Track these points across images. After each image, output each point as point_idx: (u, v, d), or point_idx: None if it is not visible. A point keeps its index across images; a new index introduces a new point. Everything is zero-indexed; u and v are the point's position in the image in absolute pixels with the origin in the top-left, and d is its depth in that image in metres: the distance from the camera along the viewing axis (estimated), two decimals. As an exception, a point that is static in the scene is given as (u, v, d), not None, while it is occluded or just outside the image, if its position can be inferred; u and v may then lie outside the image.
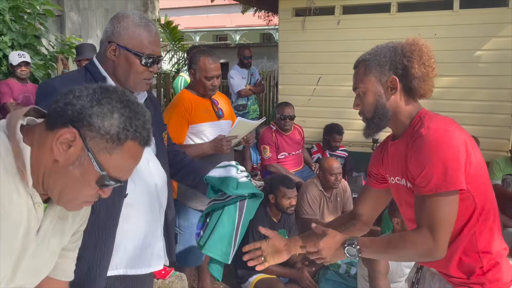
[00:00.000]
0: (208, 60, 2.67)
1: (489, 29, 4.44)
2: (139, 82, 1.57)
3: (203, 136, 2.69)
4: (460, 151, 1.36)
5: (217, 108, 2.77)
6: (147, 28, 1.54)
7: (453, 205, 1.36)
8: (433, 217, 1.35)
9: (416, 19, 4.73)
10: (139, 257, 1.63)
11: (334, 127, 4.74)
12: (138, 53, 1.52)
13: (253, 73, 5.78)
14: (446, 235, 1.35)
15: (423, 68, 1.49)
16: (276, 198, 3.18)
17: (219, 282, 3.54)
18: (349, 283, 3.16)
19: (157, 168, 1.69)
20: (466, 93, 4.64)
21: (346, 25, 5.02)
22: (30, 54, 4.57)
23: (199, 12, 20.11)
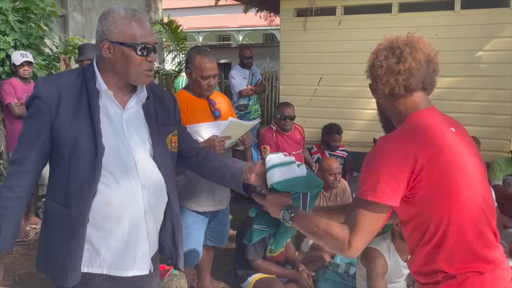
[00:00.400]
0: (204, 60, 2.63)
1: (490, 30, 4.45)
2: (140, 73, 1.57)
3: (199, 137, 2.62)
4: (399, 167, 1.32)
5: (214, 108, 2.73)
6: (135, 18, 1.54)
7: (376, 217, 1.34)
8: (356, 220, 1.35)
9: (417, 20, 4.74)
10: (122, 258, 1.62)
11: (333, 127, 4.75)
12: (132, 44, 1.52)
13: (254, 73, 5.79)
14: (362, 241, 1.35)
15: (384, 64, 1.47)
16: None
17: (218, 281, 3.56)
18: (348, 282, 3.17)
19: (149, 171, 1.64)
20: (467, 94, 4.64)
21: (347, 25, 5.04)
22: (33, 54, 4.60)
23: (203, 13, 20.16)
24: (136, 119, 1.65)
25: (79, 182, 1.53)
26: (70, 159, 1.53)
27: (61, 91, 1.53)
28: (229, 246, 4.11)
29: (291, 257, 3.41)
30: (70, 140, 1.52)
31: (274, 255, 3.32)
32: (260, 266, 3.20)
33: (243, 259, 3.27)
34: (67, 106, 1.52)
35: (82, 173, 1.53)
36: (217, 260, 3.86)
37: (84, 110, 1.54)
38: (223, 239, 3.09)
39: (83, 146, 1.52)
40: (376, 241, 2.76)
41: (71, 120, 1.52)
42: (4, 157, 4.56)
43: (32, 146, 1.54)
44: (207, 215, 2.84)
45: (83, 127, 1.52)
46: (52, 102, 1.52)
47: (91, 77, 1.57)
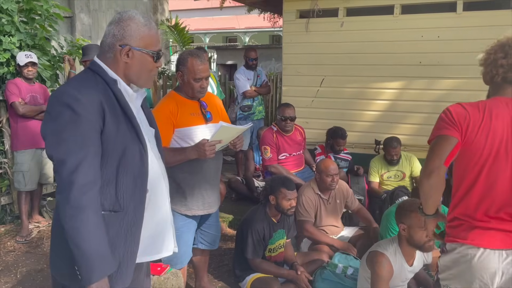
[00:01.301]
0: (197, 61, 2.60)
1: (493, 32, 4.37)
2: (149, 78, 1.70)
3: (190, 140, 2.61)
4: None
5: (205, 111, 2.69)
6: (152, 26, 1.65)
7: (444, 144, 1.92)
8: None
9: (419, 21, 4.73)
10: (152, 244, 1.71)
11: (337, 131, 4.74)
12: (151, 52, 1.63)
13: (259, 74, 5.82)
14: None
15: None
16: (277, 199, 3.20)
17: (217, 281, 3.58)
18: (345, 283, 3.17)
19: (157, 158, 1.76)
20: (470, 96, 4.57)
21: (350, 27, 5.04)
22: (38, 55, 4.66)
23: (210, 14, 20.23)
24: (142, 115, 1.76)
25: (130, 182, 1.57)
26: (119, 165, 1.56)
27: (101, 97, 1.52)
28: (229, 246, 4.14)
29: (290, 258, 3.43)
30: (120, 147, 1.55)
31: (273, 255, 3.34)
32: (258, 266, 3.22)
33: (242, 258, 3.29)
34: (109, 112, 1.53)
35: (131, 174, 1.58)
36: (217, 259, 3.89)
37: (121, 116, 1.58)
38: (215, 243, 3.11)
39: (133, 149, 1.58)
40: (383, 245, 2.75)
41: (117, 126, 1.54)
42: (9, 156, 4.62)
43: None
44: (197, 218, 2.84)
45: (127, 131, 1.58)
46: (98, 111, 1.49)
47: (113, 81, 1.60)
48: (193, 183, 2.67)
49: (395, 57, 4.86)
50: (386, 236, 3.20)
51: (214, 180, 2.80)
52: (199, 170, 2.67)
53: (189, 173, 2.65)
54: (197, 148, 2.50)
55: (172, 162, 2.50)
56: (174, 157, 2.54)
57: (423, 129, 4.85)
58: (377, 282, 2.66)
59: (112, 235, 1.53)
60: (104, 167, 1.53)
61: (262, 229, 3.21)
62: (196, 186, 2.68)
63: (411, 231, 2.62)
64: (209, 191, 2.76)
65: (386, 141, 4.48)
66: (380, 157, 4.61)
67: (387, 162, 4.54)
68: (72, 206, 1.41)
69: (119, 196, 1.55)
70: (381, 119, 5.03)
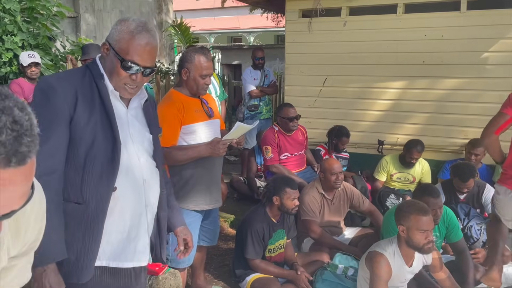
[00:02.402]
0: (203, 58, 2.65)
1: (497, 31, 4.38)
2: (119, 85, 1.61)
3: (196, 136, 2.66)
4: None
5: (207, 107, 2.75)
6: (138, 36, 1.56)
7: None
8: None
9: (423, 20, 4.70)
10: (122, 250, 1.67)
11: (342, 130, 4.71)
12: (119, 56, 1.57)
13: (267, 74, 5.83)
14: None
15: None
16: (281, 199, 3.18)
17: (218, 281, 3.57)
18: (346, 284, 3.15)
19: (149, 166, 1.73)
20: (474, 96, 4.58)
21: (353, 26, 5.01)
22: (40, 54, 4.67)
23: (214, 14, 20.24)
24: (138, 118, 1.73)
25: (96, 177, 1.57)
26: (87, 156, 1.56)
27: (77, 87, 1.55)
28: (230, 246, 4.12)
29: (290, 258, 3.41)
30: (89, 137, 1.55)
31: (273, 256, 3.32)
32: (258, 266, 3.20)
33: (242, 258, 3.28)
34: (82, 103, 1.54)
35: (99, 168, 1.57)
36: (217, 260, 3.87)
37: (98, 108, 1.58)
38: (214, 239, 3.11)
39: (102, 142, 1.57)
40: (382, 245, 2.73)
41: (88, 117, 1.55)
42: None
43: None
44: (202, 214, 2.86)
45: (99, 123, 1.57)
46: (70, 98, 1.52)
47: (100, 75, 1.61)
48: (201, 178, 2.72)
49: (398, 57, 4.82)
50: (387, 237, 3.17)
51: (218, 175, 2.89)
52: (209, 166, 2.73)
53: (200, 169, 2.69)
54: (211, 146, 2.57)
55: (183, 160, 2.60)
56: (186, 155, 2.60)
57: (426, 129, 4.82)
58: (376, 283, 2.63)
59: (72, 227, 1.55)
60: (73, 156, 1.55)
61: (262, 229, 3.19)
62: (204, 181, 2.73)
63: (409, 233, 2.59)
64: (215, 185, 2.82)
65: (411, 143, 4.36)
66: (394, 157, 4.54)
67: (402, 163, 4.47)
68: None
69: (83, 188, 1.55)
70: (384, 119, 5.00)
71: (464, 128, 4.64)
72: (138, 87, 1.65)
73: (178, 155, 2.58)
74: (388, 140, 4.95)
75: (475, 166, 3.94)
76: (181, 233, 1.97)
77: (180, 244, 1.95)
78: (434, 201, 2.97)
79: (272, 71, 6.22)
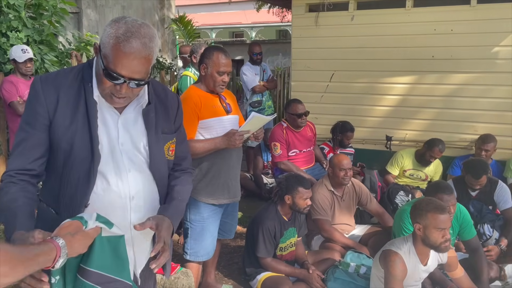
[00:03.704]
0: (222, 55, 2.71)
1: (508, 25, 4.32)
2: (105, 94, 1.45)
3: (213, 131, 2.70)
4: None
5: (225, 103, 2.79)
6: (124, 44, 1.35)
7: None
8: None
9: (432, 14, 4.63)
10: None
11: (346, 125, 4.67)
12: (102, 63, 1.39)
13: (265, 69, 5.77)
14: None
15: None
16: (293, 198, 3.15)
17: (228, 279, 3.53)
18: (358, 282, 3.11)
19: (141, 180, 1.55)
20: (483, 91, 4.52)
21: (360, 20, 4.95)
22: (45, 51, 4.63)
23: (216, 9, 20.14)
24: (134, 125, 1.55)
25: (71, 190, 1.47)
26: (64, 165, 1.47)
27: (60, 91, 1.46)
28: (239, 244, 4.09)
29: (300, 257, 3.37)
30: (66, 145, 1.45)
31: (284, 254, 3.29)
32: (269, 265, 3.17)
33: (253, 257, 3.24)
34: (64, 108, 1.45)
35: (75, 181, 1.47)
36: (227, 257, 3.84)
37: (82, 114, 1.46)
38: (231, 232, 3.10)
39: (79, 152, 1.45)
40: (397, 244, 2.68)
41: (69, 124, 1.45)
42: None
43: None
44: (222, 207, 2.86)
45: (80, 132, 1.45)
46: (51, 103, 1.45)
47: (89, 78, 1.48)
48: (219, 171, 2.75)
49: (407, 51, 4.76)
50: (400, 236, 3.13)
51: (237, 169, 2.89)
52: (227, 159, 2.76)
53: (218, 161, 2.73)
54: (227, 137, 2.62)
55: (201, 152, 2.64)
56: (203, 148, 2.65)
57: (435, 125, 4.77)
58: (391, 282, 2.59)
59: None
60: (53, 161, 1.49)
61: (273, 228, 3.15)
62: (222, 175, 2.75)
63: (426, 231, 2.54)
64: (233, 180, 2.84)
65: (434, 142, 4.28)
66: (411, 152, 4.48)
67: (418, 161, 4.41)
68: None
69: (60, 198, 1.48)
70: (392, 115, 4.95)
71: (473, 123, 4.59)
72: (129, 97, 1.47)
73: (195, 147, 2.63)
74: (396, 136, 4.90)
75: (488, 163, 3.89)
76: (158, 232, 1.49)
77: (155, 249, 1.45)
78: (447, 198, 2.92)
79: (268, 66, 6.16)
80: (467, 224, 3.22)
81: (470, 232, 3.23)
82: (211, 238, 2.85)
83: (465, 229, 3.22)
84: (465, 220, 3.22)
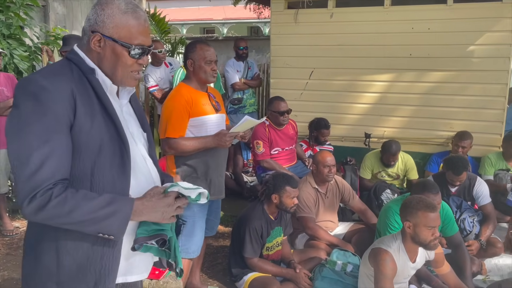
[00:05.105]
0: (204, 46, 2.74)
1: (483, 24, 4.42)
2: (127, 76, 1.45)
3: (204, 129, 2.71)
4: None
5: (214, 101, 2.80)
6: (135, 15, 1.40)
7: None
8: None
9: (409, 13, 4.69)
10: (138, 261, 1.52)
11: (320, 122, 4.67)
12: (126, 44, 1.39)
13: (250, 66, 5.71)
14: None
15: None
16: (280, 197, 3.11)
17: (212, 280, 3.47)
18: (345, 280, 3.11)
19: (153, 167, 1.59)
20: (459, 88, 4.61)
21: (339, 18, 4.95)
22: (14, 45, 4.40)
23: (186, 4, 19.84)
24: (130, 114, 1.58)
25: (108, 186, 1.37)
26: (95, 164, 1.35)
27: (73, 89, 1.32)
28: (222, 244, 4.03)
29: (287, 256, 3.34)
30: (94, 143, 1.34)
31: (270, 253, 3.25)
32: (256, 265, 3.12)
33: (239, 257, 3.19)
34: (80, 104, 1.33)
35: (110, 177, 1.37)
36: (210, 258, 3.77)
37: (97, 108, 1.37)
38: (213, 229, 3.10)
39: (109, 147, 1.37)
40: (387, 242, 2.69)
41: (91, 121, 1.34)
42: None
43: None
44: (207, 204, 2.83)
45: (104, 126, 1.37)
46: (69, 102, 1.30)
47: (90, 70, 1.40)
48: (207, 169, 2.77)
49: (385, 49, 4.80)
50: (385, 233, 3.15)
51: (223, 166, 2.92)
52: (215, 157, 2.77)
53: (206, 158, 2.74)
54: (218, 137, 2.65)
55: (190, 150, 2.67)
56: (194, 146, 2.67)
57: (412, 122, 4.84)
58: (381, 280, 2.59)
59: (86, 249, 1.35)
60: (76, 167, 1.33)
61: (260, 227, 3.11)
62: (210, 172, 2.78)
63: (417, 229, 2.56)
64: (220, 177, 2.87)
65: (386, 146, 4.32)
66: (376, 154, 4.50)
67: (382, 163, 4.45)
68: (50, 206, 1.23)
69: None
70: (371, 112, 4.99)
71: (450, 120, 4.68)
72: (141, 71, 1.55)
73: (186, 145, 2.66)
74: (375, 133, 4.94)
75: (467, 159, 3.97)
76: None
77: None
78: (433, 197, 2.96)
79: (256, 63, 6.09)
80: (450, 220, 3.28)
81: (452, 228, 3.29)
82: (200, 233, 2.86)
83: (448, 226, 3.27)
84: (448, 217, 3.28)
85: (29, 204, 1.23)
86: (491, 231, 3.63)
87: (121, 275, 1.46)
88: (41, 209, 1.23)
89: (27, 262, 1.42)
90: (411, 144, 4.82)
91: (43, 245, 1.37)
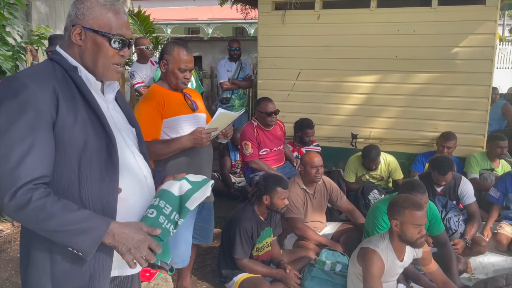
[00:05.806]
0: (183, 52, 2.59)
1: (467, 26, 4.50)
2: (108, 68, 1.47)
3: (180, 130, 2.58)
4: None
5: (190, 101, 2.68)
6: (114, 8, 1.45)
7: None
8: None
9: (395, 15, 4.75)
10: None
11: (304, 122, 4.70)
12: (106, 34, 1.43)
13: (243, 67, 5.74)
14: None
15: None
16: (271, 199, 3.11)
17: (202, 282, 3.46)
18: (335, 280, 3.13)
19: (143, 162, 1.60)
20: (444, 90, 4.69)
21: (326, 20, 4.99)
22: (-3, 45, 4.31)
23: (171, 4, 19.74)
24: (117, 110, 1.59)
25: (96, 181, 1.38)
26: (81, 159, 1.36)
27: (54, 84, 1.34)
28: (211, 245, 4.01)
29: (276, 256, 3.35)
30: (79, 139, 1.35)
31: (260, 254, 3.26)
32: (246, 266, 3.13)
33: (229, 258, 3.19)
34: (63, 101, 1.34)
35: (97, 171, 1.38)
36: (199, 259, 3.76)
37: (81, 105, 1.38)
38: (208, 237, 3.00)
39: (94, 142, 1.38)
40: (374, 241, 2.72)
41: (74, 117, 1.35)
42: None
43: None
44: (194, 212, 2.75)
45: (88, 122, 1.38)
46: (51, 100, 1.32)
47: (72, 68, 1.43)
48: (188, 171, 2.58)
49: (371, 51, 4.86)
50: (373, 233, 3.18)
51: (208, 167, 2.76)
52: (196, 158, 2.62)
53: (186, 159, 2.59)
54: (193, 136, 2.48)
55: (166, 153, 2.51)
56: (169, 148, 2.51)
57: (398, 123, 4.90)
58: (369, 280, 2.63)
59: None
60: (62, 164, 1.34)
61: (251, 228, 3.11)
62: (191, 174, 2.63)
63: (403, 227, 2.60)
64: None
65: (365, 152, 4.34)
66: (359, 158, 4.51)
67: (365, 166, 4.48)
68: (28, 209, 1.24)
69: (83, 197, 1.36)
70: (357, 113, 5.04)
71: (435, 121, 4.75)
72: (123, 64, 1.54)
73: (160, 148, 2.51)
74: (361, 134, 4.99)
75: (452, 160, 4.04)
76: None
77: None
78: (420, 197, 3.01)
79: (249, 64, 6.11)
80: (436, 220, 3.33)
81: (439, 227, 3.34)
82: (185, 244, 2.72)
83: (435, 225, 3.33)
84: (435, 216, 3.33)
85: (10, 202, 1.25)
86: (476, 229, 3.70)
87: (116, 268, 1.47)
88: (20, 209, 1.25)
89: (22, 260, 1.44)
90: (397, 144, 4.88)
91: (36, 243, 1.38)
